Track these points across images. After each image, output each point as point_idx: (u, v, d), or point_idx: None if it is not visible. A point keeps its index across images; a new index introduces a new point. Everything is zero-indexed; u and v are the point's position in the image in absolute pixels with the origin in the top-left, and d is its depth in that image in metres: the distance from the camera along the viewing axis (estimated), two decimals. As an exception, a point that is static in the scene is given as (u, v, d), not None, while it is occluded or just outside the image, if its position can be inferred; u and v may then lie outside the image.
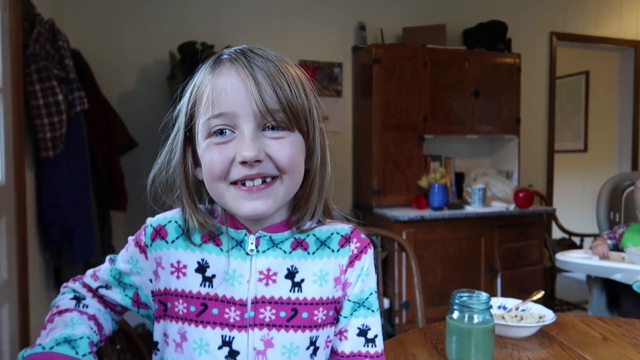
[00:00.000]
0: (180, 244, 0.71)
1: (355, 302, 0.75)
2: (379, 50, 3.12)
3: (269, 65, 0.64)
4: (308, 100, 0.68)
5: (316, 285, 0.72)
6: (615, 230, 1.98)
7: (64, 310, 0.72)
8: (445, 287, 2.97)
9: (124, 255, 0.75)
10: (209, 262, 0.70)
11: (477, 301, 0.94)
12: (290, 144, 0.66)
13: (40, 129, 2.02)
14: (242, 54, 0.66)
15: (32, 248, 2.08)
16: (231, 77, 0.64)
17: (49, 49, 2.09)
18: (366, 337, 0.75)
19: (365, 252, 0.76)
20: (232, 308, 0.69)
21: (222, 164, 0.64)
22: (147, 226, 0.74)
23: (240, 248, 0.71)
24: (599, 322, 1.23)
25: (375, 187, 3.13)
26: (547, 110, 4.03)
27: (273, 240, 0.72)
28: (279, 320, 0.70)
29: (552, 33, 3.98)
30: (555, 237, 4.08)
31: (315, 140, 0.71)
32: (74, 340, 0.65)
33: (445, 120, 3.30)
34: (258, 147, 0.63)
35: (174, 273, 0.71)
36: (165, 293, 0.71)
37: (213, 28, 3.08)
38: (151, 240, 0.72)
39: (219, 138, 0.65)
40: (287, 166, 0.66)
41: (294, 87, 0.65)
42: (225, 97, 0.63)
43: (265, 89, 0.63)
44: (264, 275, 0.70)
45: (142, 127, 2.94)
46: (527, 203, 3.18)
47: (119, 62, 2.93)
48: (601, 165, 4.80)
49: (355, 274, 0.75)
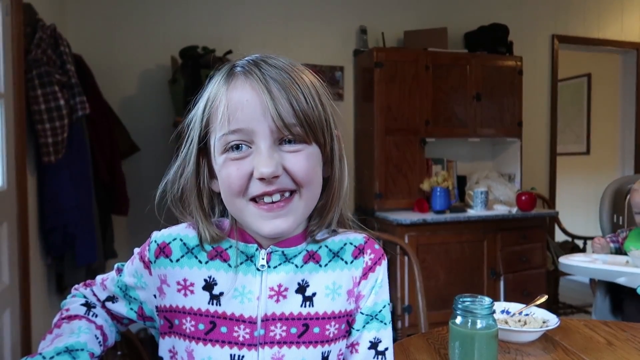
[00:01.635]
0: (185, 262, 0.69)
1: (368, 314, 0.74)
2: (380, 53, 3.12)
3: (284, 77, 0.63)
4: (324, 109, 0.67)
5: (328, 299, 0.71)
6: (618, 234, 1.97)
7: (74, 316, 0.72)
8: (447, 290, 2.96)
9: (130, 268, 0.74)
10: (216, 280, 0.68)
11: (480, 306, 0.93)
12: (307, 156, 0.65)
13: (42, 134, 2.02)
14: (255, 65, 0.64)
15: (34, 253, 2.08)
16: (246, 91, 0.63)
17: (51, 54, 2.09)
18: (376, 350, 0.74)
19: (379, 263, 0.75)
20: (242, 326, 0.67)
21: (239, 180, 0.63)
22: (152, 242, 0.72)
23: (251, 263, 0.69)
24: (603, 327, 1.22)
25: (377, 191, 3.13)
26: (549, 113, 4.02)
27: (286, 255, 0.70)
28: (289, 336, 0.68)
29: (553, 35, 3.97)
30: (558, 240, 4.06)
31: (333, 149, 0.70)
32: (75, 351, 0.65)
33: (447, 123, 3.30)
34: (275, 162, 0.62)
35: (180, 291, 0.69)
36: (171, 310, 0.70)
37: (214, 32, 3.09)
38: (155, 257, 0.71)
39: (236, 153, 0.63)
40: (305, 179, 0.64)
41: (310, 98, 0.64)
42: (241, 113, 0.62)
43: (282, 103, 0.61)
44: (275, 291, 0.68)
45: (143, 132, 2.94)
46: (530, 206, 3.17)
47: (120, 67, 2.94)
48: (604, 167, 4.79)
49: (369, 286, 0.74)
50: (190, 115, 0.70)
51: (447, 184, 3.09)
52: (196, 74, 2.62)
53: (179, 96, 2.71)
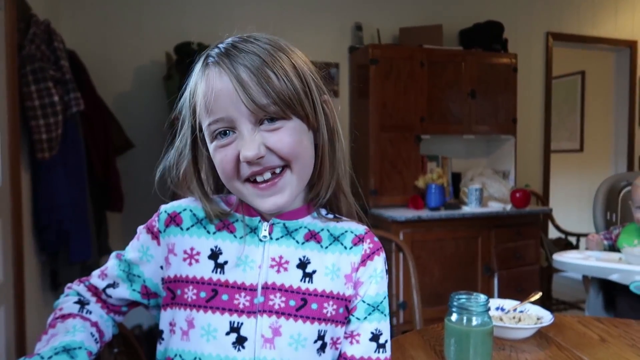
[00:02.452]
0: (194, 231, 0.73)
1: (370, 304, 0.75)
2: (375, 50, 3.12)
3: (254, 60, 0.65)
4: (302, 81, 0.68)
5: (327, 278, 0.73)
6: (612, 231, 1.98)
7: (67, 314, 0.72)
8: (442, 287, 2.98)
9: (134, 244, 0.76)
10: (222, 249, 0.72)
11: (476, 303, 0.94)
12: (288, 131, 0.67)
13: (36, 131, 2.01)
14: (225, 54, 0.66)
15: (28, 250, 2.07)
16: (216, 81, 0.66)
17: (45, 49, 2.07)
18: (378, 342, 0.75)
19: (377, 254, 0.78)
20: (242, 293, 0.70)
21: (229, 164, 0.67)
22: (161, 212, 0.75)
23: (254, 234, 0.73)
24: (596, 323, 1.23)
25: (372, 188, 3.13)
26: (544, 110, 4.04)
27: (287, 228, 0.74)
28: (288, 308, 0.70)
29: (548, 33, 3.99)
30: (552, 237, 4.08)
31: (318, 117, 0.71)
32: (73, 350, 0.65)
33: (442, 120, 3.30)
34: (257, 144, 0.65)
35: (186, 260, 0.72)
36: (175, 280, 0.72)
37: (209, 28, 3.07)
38: (165, 226, 0.74)
39: (224, 140, 0.67)
40: (290, 154, 0.67)
41: (282, 74, 0.65)
42: (215, 103, 0.65)
43: (251, 86, 0.64)
44: (276, 262, 0.72)
45: (138, 128, 2.93)
46: (524, 203, 3.18)
47: (115, 63, 2.92)
48: (597, 165, 4.82)
49: (367, 274, 0.76)
50: (179, 105, 0.74)
51: (441, 181, 3.10)
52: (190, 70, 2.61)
53: (174, 92, 2.68)
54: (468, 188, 3.21)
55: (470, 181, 3.43)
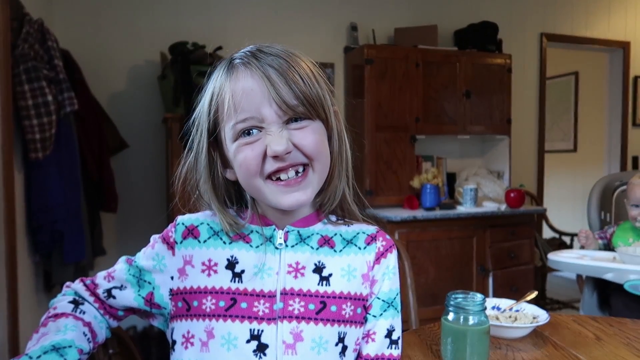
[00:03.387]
0: (211, 243, 0.74)
1: (385, 301, 0.77)
2: (371, 50, 3.13)
3: (280, 62, 0.67)
4: (321, 87, 0.71)
5: (344, 279, 0.74)
6: (606, 230, 1.99)
7: (60, 314, 0.72)
8: (437, 287, 2.98)
9: (148, 252, 0.76)
10: (238, 258, 0.73)
11: (472, 302, 0.94)
12: (313, 131, 0.69)
13: (30, 130, 1.99)
14: (252, 56, 0.69)
15: (22, 251, 2.05)
16: (247, 81, 0.67)
17: (38, 49, 2.06)
18: (391, 339, 0.77)
19: (390, 251, 0.79)
20: (262, 301, 0.71)
21: (255, 159, 0.68)
22: (178, 224, 0.76)
23: (270, 243, 0.74)
24: (591, 322, 1.23)
25: (368, 188, 3.13)
26: (538, 110, 4.06)
27: (301, 235, 0.75)
28: (308, 312, 0.71)
29: (542, 34, 4.01)
30: (546, 237, 4.10)
31: (331, 124, 0.74)
32: (63, 348, 0.64)
33: (437, 120, 3.31)
34: (286, 140, 0.67)
35: (204, 271, 0.72)
36: (192, 292, 0.72)
37: (204, 28, 3.07)
38: (182, 238, 0.74)
39: (248, 138, 0.68)
40: (314, 152, 0.69)
41: (307, 78, 0.68)
42: (246, 102, 0.67)
43: (281, 87, 0.66)
44: (293, 268, 0.73)
45: (132, 128, 2.92)
46: (518, 203, 3.19)
47: (109, 63, 2.91)
48: (590, 165, 4.85)
49: (381, 271, 0.78)
50: (195, 113, 0.74)
51: (436, 181, 3.11)
52: (186, 70, 2.60)
53: (169, 92, 2.69)
54: (463, 188, 3.22)
55: (465, 181, 3.44)
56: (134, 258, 0.78)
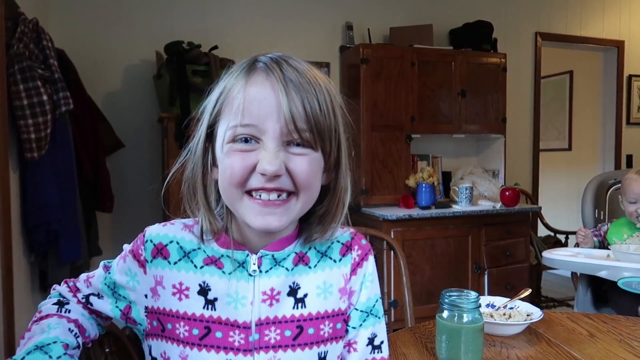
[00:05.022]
0: (182, 265, 0.70)
1: (364, 311, 0.75)
2: (366, 50, 3.13)
3: (302, 80, 0.64)
4: (336, 118, 0.67)
5: (320, 298, 0.72)
6: (600, 228, 2.01)
7: (45, 316, 0.71)
8: (433, 285, 2.99)
9: (121, 265, 0.73)
10: (210, 285, 0.69)
11: (467, 300, 0.95)
12: (310, 161, 0.65)
13: (25, 130, 1.99)
14: (277, 63, 0.65)
15: (17, 251, 2.05)
16: (265, 88, 0.63)
17: (33, 48, 2.06)
18: (373, 345, 0.76)
19: (366, 259, 0.76)
20: (237, 331, 0.68)
21: (242, 170, 0.64)
22: (147, 241, 0.71)
23: (243, 269, 0.69)
24: (585, 319, 1.24)
25: (363, 187, 3.14)
26: (532, 109, 4.08)
27: (276, 259, 0.70)
28: (284, 340, 0.69)
29: (536, 33, 4.02)
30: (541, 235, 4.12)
31: (341, 158, 0.70)
32: (46, 345, 0.63)
33: (432, 119, 3.32)
34: (280, 161, 0.63)
35: (175, 294, 0.69)
36: (165, 313, 0.70)
37: (200, 27, 3.06)
38: (152, 257, 0.71)
39: (243, 145, 0.64)
40: (305, 183, 0.65)
41: (324, 105, 0.65)
42: (256, 109, 0.63)
43: (297, 106, 0.62)
44: (268, 295, 0.69)
45: (128, 128, 2.91)
46: (514, 201, 3.21)
47: (104, 62, 2.90)
48: (585, 163, 4.87)
49: (358, 282, 0.75)
50: (202, 105, 0.71)
51: (432, 180, 3.11)
52: (181, 69, 2.60)
53: (164, 92, 2.69)
54: (458, 187, 3.23)
55: (460, 180, 3.45)
56: (110, 267, 0.75)
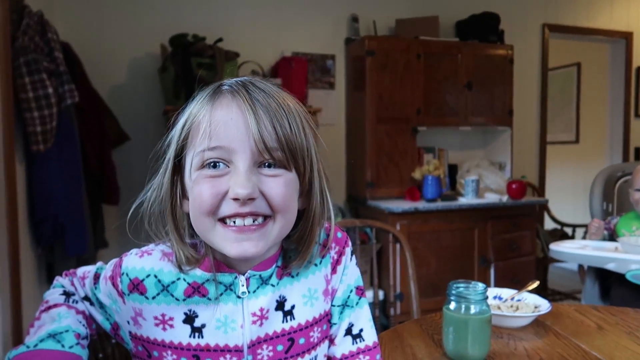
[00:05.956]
0: (162, 299, 0.66)
1: (340, 305, 0.76)
2: (372, 42, 3.11)
3: (270, 101, 0.62)
4: (307, 139, 0.65)
5: (307, 307, 0.71)
6: (610, 221, 1.99)
7: (53, 305, 0.71)
8: (439, 278, 2.99)
9: (104, 287, 0.70)
10: (197, 312, 0.67)
11: (474, 292, 0.94)
12: (285, 182, 0.63)
13: (31, 123, 1.99)
14: (243, 86, 0.63)
15: (24, 243, 2.06)
16: (231, 110, 0.61)
17: (38, 41, 2.05)
18: (352, 335, 0.76)
19: (343, 253, 0.76)
20: (228, 356, 0.66)
21: (212, 198, 0.61)
22: (123, 274, 0.67)
23: (230, 292, 0.67)
24: (593, 312, 1.23)
25: (369, 179, 3.13)
26: (540, 101, 4.04)
27: (262, 278, 0.68)
28: (277, 354, 0.69)
29: (544, 24, 3.98)
30: (548, 228, 4.10)
31: (313, 180, 0.67)
32: (59, 334, 0.63)
33: (438, 112, 3.30)
34: (253, 184, 0.60)
35: (158, 325, 0.67)
36: (149, 342, 0.68)
37: (205, 20, 3.05)
38: (129, 291, 0.67)
39: (212, 171, 0.61)
40: (281, 205, 0.62)
41: (294, 125, 0.62)
42: (223, 131, 0.60)
43: (266, 125, 0.60)
44: (258, 316, 0.68)
45: (133, 121, 2.92)
46: (520, 194, 3.19)
47: (109, 55, 2.90)
48: (592, 156, 4.84)
49: (337, 279, 0.76)
50: (169, 134, 0.67)
51: (438, 173, 3.10)
52: (186, 62, 2.60)
53: (169, 85, 2.68)
54: (464, 179, 3.22)
55: (466, 173, 3.43)
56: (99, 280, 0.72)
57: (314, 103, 3.16)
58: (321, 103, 3.23)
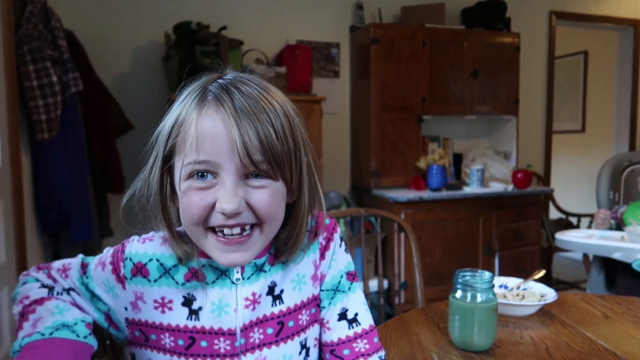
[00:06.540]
0: (163, 282, 0.70)
1: (330, 289, 0.78)
2: (377, 30, 3.08)
3: (255, 108, 0.61)
4: (295, 142, 0.65)
5: (295, 291, 0.74)
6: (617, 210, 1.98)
7: (40, 299, 0.68)
8: (443, 267, 2.99)
9: (100, 275, 0.71)
10: (195, 296, 0.70)
11: (480, 280, 0.94)
12: (272, 193, 0.64)
13: (35, 111, 1.99)
14: (227, 92, 0.62)
15: (30, 231, 2.07)
16: (216, 123, 0.61)
17: (42, 29, 2.04)
18: (347, 319, 0.77)
19: (332, 239, 0.78)
20: (222, 338, 0.69)
21: (200, 210, 0.63)
22: (126, 259, 0.70)
23: (225, 277, 0.70)
24: (599, 300, 1.23)
25: (374, 169, 3.12)
26: (546, 90, 4.01)
27: (257, 265, 0.72)
28: (268, 337, 0.72)
29: (551, 12, 3.93)
30: (553, 218, 4.09)
31: (302, 181, 0.68)
32: (72, 326, 0.63)
33: (443, 101, 3.28)
34: (239, 199, 0.62)
35: (157, 308, 0.70)
36: (147, 325, 0.70)
37: (208, 7, 3.03)
38: (131, 275, 0.70)
39: (200, 182, 0.62)
40: (267, 215, 0.64)
41: (281, 131, 0.62)
42: (209, 145, 0.61)
43: (251, 138, 0.60)
44: (250, 300, 0.71)
45: (138, 109, 2.91)
46: (525, 183, 3.18)
47: (113, 43, 2.89)
48: (598, 145, 4.81)
49: (326, 265, 0.78)
50: (158, 129, 0.68)
51: (443, 162, 3.09)
52: (190, 50, 2.58)
53: (173, 73, 2.67)
54: (470, 169, 3.21)
55: (471, 162, 3.42)
56: (87, 269, 0.72)
57: (319, 92, 3.14)
58: (326, 92, 3.22)
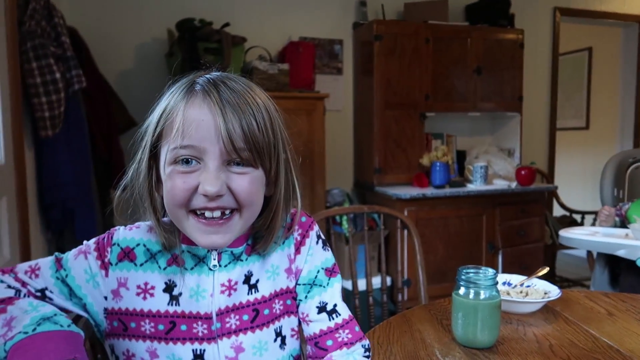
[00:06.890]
0: (148, 266, 0.74)
1: (306, 284, 0.81)
2: (380, 26, 3.07)
3: (240, 101, 0.66)
4: (274, 134, 0.70)
5: (270, 281, 0.78)
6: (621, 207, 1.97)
7: (9, 298, 0.65)
8: (446, 264, 2.98)
9: (81, 263, 0.73)
10: (175, 282, 0.73)
11: (484, 277, 0.93)
12: (252, 180, 0.69)
13: (39, 108, 1.99)
14: (214, 85, 0.68)
15: (34, 228, 2.07)
16: (203, 111, 0.66)
17: (45, 25, 2.05)
18: (327, 311, 0.81)
19: (307, 235, 0.82)
20: (199, 322, 0.73)
21: (184, 192, 0.67)
22: (114, 244, 0.74)
23: (203, 264, 0.74)
24: (603, 298, 1.22)
25: (377, 166, 3.12)
26: (550, 87, 3.99)
27: (234, 254, 0.75)
28: (243, 324, 0.75)
29: (555, 8, 3.92)
30: (556, 215, 4.08)
31: (279, 173, 0.73)
32: (51, 317, 0.61)
33: (447, 97, 3.27)
34: (221, 182, 0.66)
35: (140, 294, 0.73)
36: (127, 313, 0.72)
37: (211, 4, 3.03)
38: (117, 260, 0.73)
39: (184, 167, 0.67)
40: (247, 201, 0.69)
41: (262, 124, 0.67)
42: (195, 131, 0.65)
43: (234, 127, 0.65)
44: (226, 286, 0.74)
45: (141, 106, 2.90)
46: (529, 181, 3.17)
47: (116, 40, 2.89)
48: (603, 142, 4.78)
49: (302, 260, 0.81)
50: (146, 122, 0.73)
51: (446, 159, 3.08)
52: (193, 47, 2.58)
53: (176, 70, 2.66)
54: (473, 166, 3.20)
55: (475, 159, 3.41)
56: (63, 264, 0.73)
57: (322, 88, 3.13)
58: (329, 88, 3.21)
